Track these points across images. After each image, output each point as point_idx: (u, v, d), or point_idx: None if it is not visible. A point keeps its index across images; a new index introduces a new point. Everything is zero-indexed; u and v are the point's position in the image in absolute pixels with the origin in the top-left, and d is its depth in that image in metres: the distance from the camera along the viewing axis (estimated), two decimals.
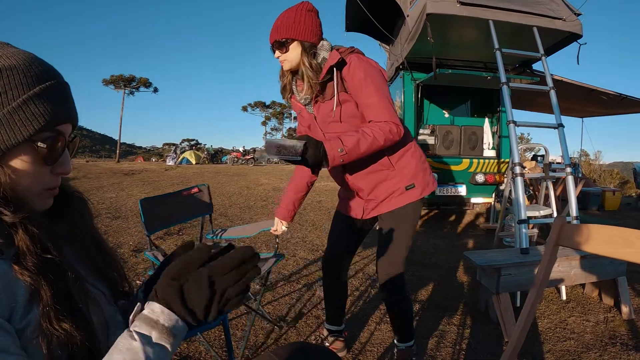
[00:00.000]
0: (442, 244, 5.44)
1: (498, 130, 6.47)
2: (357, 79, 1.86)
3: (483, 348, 2.59)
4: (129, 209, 7.16)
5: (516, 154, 3.24)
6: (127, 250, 4.56)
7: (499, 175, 6.15)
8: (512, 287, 2.81)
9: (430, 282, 3.83)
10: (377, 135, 1.80)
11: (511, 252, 3.00)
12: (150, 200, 2.58)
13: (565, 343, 2.64)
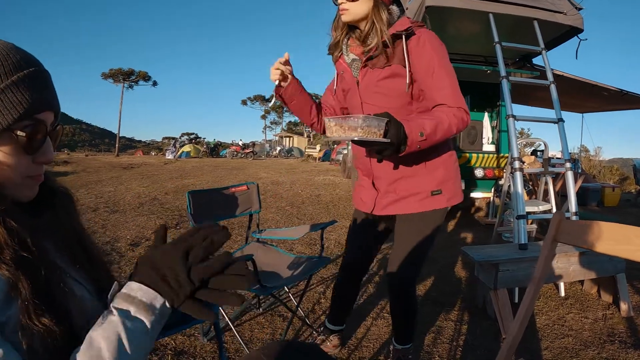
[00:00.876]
0: (440, 238, 5.39)
1: (497, 124, 6.43)
2: (429, 57, 1.68)
3: (480, 344, 2.57)
4: (127, 202, 7.13)
5: (515, 148, 3.21)
6: (124, 244, 4.54)
7: (498, 170, 6.12)
8: (510, 283, 2.79)
9: (428, 278, 3.81)
10: (452, 123, 1.62)
11: (509, 248, 2.98)
12: (198, 193, 2.56)
13: (563, 340, 2.62)
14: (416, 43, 1.68)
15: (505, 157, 6.14)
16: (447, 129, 1.60)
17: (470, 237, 5.53)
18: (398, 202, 1.88)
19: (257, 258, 2.74)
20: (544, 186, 3.97)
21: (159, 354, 2.37)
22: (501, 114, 6.32)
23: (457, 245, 5.06)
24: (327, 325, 2.43)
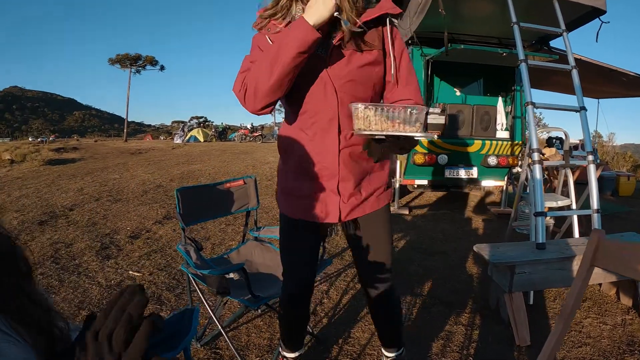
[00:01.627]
0: (451, 229, 5.21)
1: (512, 110, 6.13)
2: (402, 47, 1.53)
3: (493, 353, 2.38)
4: (130, 191, 7.02)
5: (535, 138, 2.96)
6: (123, 236, 4.40)
7: (512, 158, 5.85)
8: (526, 286, 2.58)
9: (437, 274, 3.62)
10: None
11: (526, 247, 2.76)
12: (188, 190, 2.33)
13: (580, 350, 2.42)
14: (394, 29, 1.51)
15: (520, 144, 5.87)
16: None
17: (481, 229, 5.31)
18: (363, 203, 1.64)
19: (253, 259, 2.56)
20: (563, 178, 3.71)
21: None
22: (516, 99, 6.03)
23: (468, 236, 4.86)
24: (287, 355, 1.96)
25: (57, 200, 6.03)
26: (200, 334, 2.46)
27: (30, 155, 11.99)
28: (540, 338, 2.52)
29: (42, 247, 3.86)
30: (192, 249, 2.16)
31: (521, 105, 5.95)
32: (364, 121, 1.26)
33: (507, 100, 6.35)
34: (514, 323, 2.48)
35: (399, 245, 4.49)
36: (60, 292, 2.97)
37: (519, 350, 2.40)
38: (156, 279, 3.30)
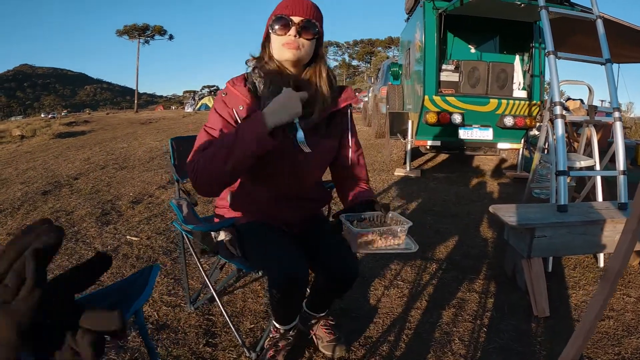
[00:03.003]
0: (464, 192, 4.99)
1: (530, 68, 5.77)
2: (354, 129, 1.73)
3: (508, 324, 2.20)
4: (137, 158, 6.92)
5: (557, 91, 2.69)
6: (125, 202, 4.28)
7: (530, 119, 5.54)
8: (547, 251, 2.38)
9: (451, 237, 3.43)
10: None
11: (546, 209, 2.54)
12: (183, 139, 2.13)
13: (603, 323, 2.22)
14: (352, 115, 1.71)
15: (538, 104, 5.55)
16: None
17: (496, 192, 5.08)
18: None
19: None
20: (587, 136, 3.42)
21: (137, 329, 2.08)
22: (534, 56, 5.66)
23: (482, 200, 4.65)
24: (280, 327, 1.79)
25: (63, 171, 5.93)
26: (194, 298, 2.33)
27: (40, 130, 11.96)
28: (559, 309, 2.34)
29: (43, 216, 3.75)
30: (185, 203, 1.98)
31: (540, 63, 5.60)
32: (367, 246, 1.47)
33: (524, 57, 5.99)
34: (532, 292, 2.30)
35: (409, 208, 4.30)
36: (55, 260, 2.86)
37: (536, 322, 2.22)
38: (153, 243, 3.18)
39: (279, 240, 1.58)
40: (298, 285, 1.51)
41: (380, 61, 51.59)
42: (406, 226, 1.49)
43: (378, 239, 1.46)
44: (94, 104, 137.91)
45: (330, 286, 1.70)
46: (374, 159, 6.93)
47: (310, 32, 1.45)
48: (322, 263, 1.63)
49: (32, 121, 16.58)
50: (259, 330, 2.11)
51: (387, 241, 1.48)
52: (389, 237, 1.48)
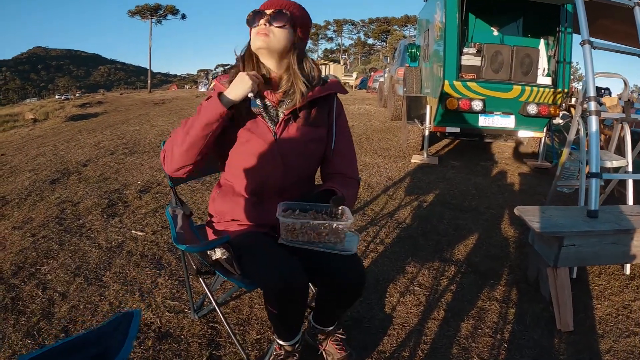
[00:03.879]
0: (484, 183, 4.80)
1: (556, 54, 5.47)
2: (344, 122, 1.70)
3: (530, 339, 2.05)
4: (147, 142, 6.82)
5: (592, 84, 2.46)
6: (133, 191, 4.18)
7: (554, 107, 5.27)
8: (574, 260, 2.21)
9: (470, 234, 3.27)
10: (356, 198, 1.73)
11: (575, 214, 2.35)
12: None
13: (628, 340, 2.06)
14: (339, 107, 1.67)
15: (563, 92, 5.28)
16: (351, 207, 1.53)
17: (517, 184, 4.87)
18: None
19: None
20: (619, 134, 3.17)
21: (139, 337, 1.98)
22: (560, 41, 5.36)
23: (503, 192, 4.46)
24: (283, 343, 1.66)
25: (72, 157, 5.85)
26: (199, 305, 2.21)
27: (53, 112, 11.96)
28: (584, 322, 2.18)
29: (49, 208, 3.67)
30: (182, 213, 1.85)
31: (566, 48, 5.31)
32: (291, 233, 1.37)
33: (549, 42, 5.69)
34: (557, 304, 2.14)
35: (427, 200, 4.13)
36: (59, 257, 2.77)
37: (559, 337, 2.06)
38: (159, 239, 3.07)
39: (270, 250, 1.48)
40: (295, 295, 1.40)
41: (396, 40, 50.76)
42: (345, 223, 1.36)
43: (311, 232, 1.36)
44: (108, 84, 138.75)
45: (335, 297, 1.57)
46: (390, 144, 6.74)
47: (281, 20, 1.46)
48: (322, 270, 1.51)
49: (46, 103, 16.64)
50: (265, 342, 1.99)
51: (321, 237, 1.37)
52: (323, 232, 1.37)
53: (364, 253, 2.92)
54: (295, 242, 1.38)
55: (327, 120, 1.63)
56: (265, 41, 1.46)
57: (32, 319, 2.11)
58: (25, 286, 2.42)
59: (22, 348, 1.91)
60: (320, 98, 1.57)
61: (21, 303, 2.25)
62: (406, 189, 4.45)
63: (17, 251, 2.84)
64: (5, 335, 1.99)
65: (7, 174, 5.04)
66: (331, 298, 1.61)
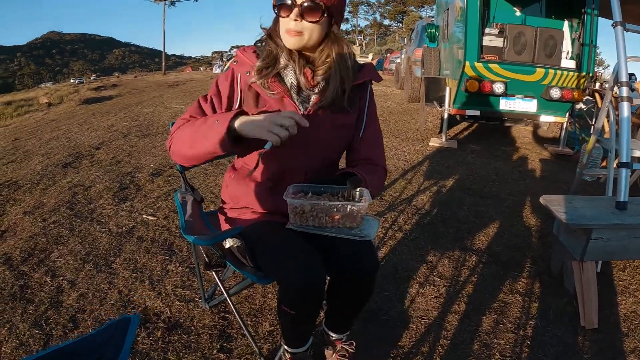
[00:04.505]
0: (504, 168, 4.66)
1: (581, 36, 5.24)
2: (374, 108, 1.59)
3: (554, 336, 1.95)
4: (161, 124, 6.77)
5: (624, 68, 2.31)
6: (145, 174, 4.13)
7: (578, 92, 5.07)
8: (602, 254, 2.09)
9: (491, 222, 3.17)
10: (382, 186, 1.61)
11: (603, 205, 2.22)
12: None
13: None
14: (371, 94, 1.56)
15: (588, 76, 5.07)
16: (375, 195, 1.48)
17: (538, 170, 4.72)
18: None
19: None
20: None
21: (148, 327, 1.94)
22: (586, 23, 5.13)
23: (524, 178, 4.32)
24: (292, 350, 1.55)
25: (85, 140, 5.82)
26: (210, 294, 2.14)
27: (67, 96, 11.99)
28: (608, 319, 2.07)
29: (61, 192, 3.64)
30: (191, 200, 1.75)
31: (591, 31, 5.08)
32: (300, 217, 1.27)
33: (573, 24, 5.46)
34: (581, 300, 2.03)
35: (446, 185, 4.01)
36: (69, 243, 2.73)
37: (583, 334, 1.96)
38: (170, 224, 3.01)
39: (287, 242, 1.34)
40: (313, 295, 1.28)
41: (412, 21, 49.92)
42: (360, 205, 1.25)
43: (322, 215, 1.26)
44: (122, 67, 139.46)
45: (345, 287, 1.44)
46: (407, 126, 6.60)
47: (315, 14, 1.28)
48: (332, 260, 1.37)
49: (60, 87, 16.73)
50: (278, 334, 1.92)
51: (334, 220, 1.27)
52: (336, 215, 1.26)
53: (382, 240, 2.84)
54: (306, 227, 1.28)
55: (358, 106, 1.50)
56: (299, 42, 1.32)
57: (40, 308, 2.08)
58: (35, 273, 2.39)
59: (29, 338, 1.87)
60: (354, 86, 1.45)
61: (30, 291, 2.22)
62: (425, 173, 4.33)
63: (27, 237, 2.81)
64: (13, 324, 1.96)
65: (21, 158, 5.03)
66: (340, 290, 1.48)
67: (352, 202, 1.26)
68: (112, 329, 0.79)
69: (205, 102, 1.42)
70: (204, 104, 1.42)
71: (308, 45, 1.34)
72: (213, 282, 2.25)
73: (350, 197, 1.32)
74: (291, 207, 1.28)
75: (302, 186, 1.36)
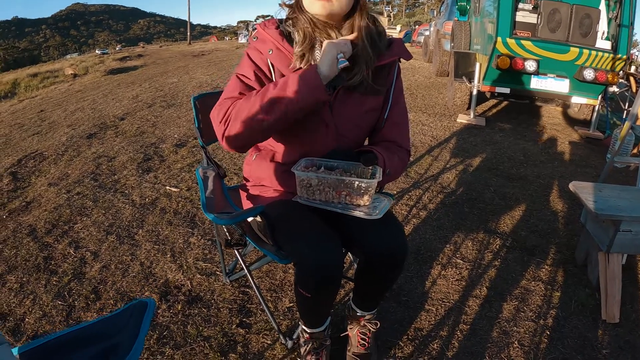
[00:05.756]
0: (533, 149, 4.53)
1: (618, 17, 4.98)
2: (400, 87, 1.50)
3: (574, 328, 1.91)
4: (186, 94, 6.79)
5: None
6: (169, 145, 4.16)
7: (613, 74, 4.83)
8: (630, 248, 2.01)
9: (517, 205, 3.10)
10: (404, 168, 1.51)
11: (635, 196, 2.13)
12: (209, 97, 1.80)
13: None
14: (399, 72, 1.48)
15: (624, 59, 4.84)
16: (399, 173, 1.50)
17: (567, 153, 4.58)
18: None
19: None
20: None
21: (169, 300, 1.97)
22: (624, 3, 4.87)
23: (552, 161, 4.21)
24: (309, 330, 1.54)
25: (110, 111, 5.87)
26: (231, 268, 2.16)
27: (93, 67, 12.07)
28: (629, 315, 2.01)
29: (85, 163, 3.69)
30: (213, 175, 1.71)
31: (631, 11, 4.83)
32: (307, 190, 1.25)
33: (610, 3, 5.20)
34: (604, 292, 1.98)
35: (473, 164, 3.93)
36: (92, 214, 2.77)
37: (603, 329, 1.92)
38: (193, 196, 3.03)
39: (308, 223, 1.32)
40: (331, 277, 1.27)
41: None
42: (368, 182, 1.21)
43: (329, 190, 1.23)
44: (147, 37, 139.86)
45: (373, 270, 1.41)
46: (435, 101, 6.47)
47: None
48: (359, 241, 1.36)
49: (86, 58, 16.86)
50: (297, 311, 1.93)
51: (341, 196, 1.24)
52: (344, 191, 1.23)
53: (405, 218, 2.81)
54: (312, 202, 1.26)
55: (385, 86, 1.43)
56: (327, 8, 1.24)
57: (63, 279, 2.12)
58: (58, 245, 2.43)
59: (52, 309, 1.91)
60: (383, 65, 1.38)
61: (53, 262, 2.27)
62: (451, 151, 4.25)
63: (52, 208, 2.86)
64: (36, 295, 2.01)
65: (46, 129, 5.11)
66: (367, 271, 1.46)
67: (359, 179, 1.22)
68: (129, 313, 0.79)
69: (246, 77, 1.34)
70: (245, 78, 1.33)
71: (336, 12, 1.26)
72: (234, 256, 2.26)
73: (363, 174, 1.29)
74: (298, 180, 1.26)
75: (315, 160, 1.34)
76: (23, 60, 60.26)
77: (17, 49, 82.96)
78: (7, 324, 1.83)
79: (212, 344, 1.73)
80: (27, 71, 20.42)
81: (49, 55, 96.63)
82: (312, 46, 1.30)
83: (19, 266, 2.23)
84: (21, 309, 1.92)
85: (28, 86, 12.70)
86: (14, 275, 2.16)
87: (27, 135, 4.91)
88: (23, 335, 1.78)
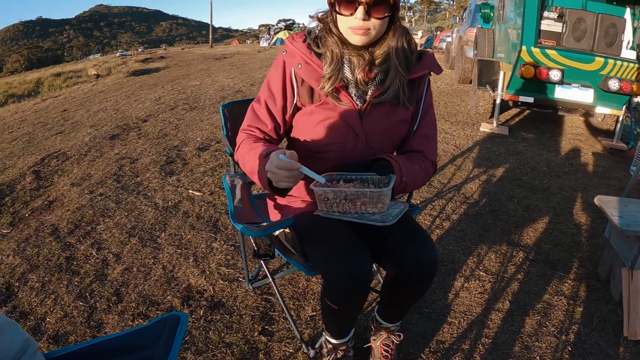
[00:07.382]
0: (556, 160, 4.47)
1: None
2: (430, 100, 1.50)
3: (595, 345, 1.88)
4: (208, 97, 6.85)
5: None
6: (191, 148, 4.20)
7: (638, 84, 4.75)
8: None
9: (540, 217, 3.06)
10: (426, 178, 1.50)
11: None
12: (238, 105, 1.86)
13: None
14: (429, 85, 1.49)
15: None
16: (421, 183, 1.51)
17: (591, 164, 4.51)
18: None
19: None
20: None
21: (191, 305, 1.99)
22: None
23: (576, 172, 4.15)
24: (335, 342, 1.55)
25: (133, 112, 5.96)
26: (254, 275, 2.18)
27: (115, 68, 12.26)
28: None
29: (108, 164, 3.75)
30: (241, 183, 1.72)
31: None
32: (325, 204, 1.29)
33: (635, 12, 5.10)
34: (627, 309, 1.95)
35: (496, 174, 3.89)
36: (115, 216, 2.82)
37: (624, 345, 1.89)
38: (216, 200, 3.06)
39: (337, 235, 1.34)
40: (359, 291, 1.28)
41: None
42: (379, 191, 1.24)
43: (344, 201, 1.27)
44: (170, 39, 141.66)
45: (403, 284, 1.40)
46: (457, 109, 6.42)
47: (382, 9, 1.23)
48: (391, 254, 1.37)
49: (108, 59, 17.13)
50: (320, 320, 1.93)
51: (355, 206, 1.27)
52: (357, 201, 1.25)
53: (428, 228, 2.81)
54: (332, 214, 1.29)
55: (415, 98, 1.45)
56: (365, 40, 1.28)
57: (85, 280, 2.16)
58: (81, 245, 2.47)
59: (73, 310, 1.95)
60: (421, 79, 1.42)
61: (75, 263, 2.31)
62: (474, 161, 4.22)
63: (74, 209, 2.91)
64: (58, 295, 2.04)
65: (69, 129, 5.20)
66: (398, 285, 1.43)
67: (371, 189, 1.26)
68: (161, 326, 0.80)
69: (260, 105, 1.40)
70: (259, 108, 1.40)
71: (373, 39, 1.29)
72: (257, 263, 2.27)
73: (380, 183, 1.32)
74: (316, 195, 1.29)
75: (334, 175, 1.36)
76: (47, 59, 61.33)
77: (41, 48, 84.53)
78: (27, 322, 1.87)
79: (234, 351, 1.74)
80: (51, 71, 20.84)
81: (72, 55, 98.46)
82: (341, 66, 1.32)
83: (41, 265, 2.28)
84: (42, 308, 1.96)
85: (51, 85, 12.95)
86: (35, 274, 2.21)
87: (50, 135, 5.01)
88: (44, 334, 1.81)
